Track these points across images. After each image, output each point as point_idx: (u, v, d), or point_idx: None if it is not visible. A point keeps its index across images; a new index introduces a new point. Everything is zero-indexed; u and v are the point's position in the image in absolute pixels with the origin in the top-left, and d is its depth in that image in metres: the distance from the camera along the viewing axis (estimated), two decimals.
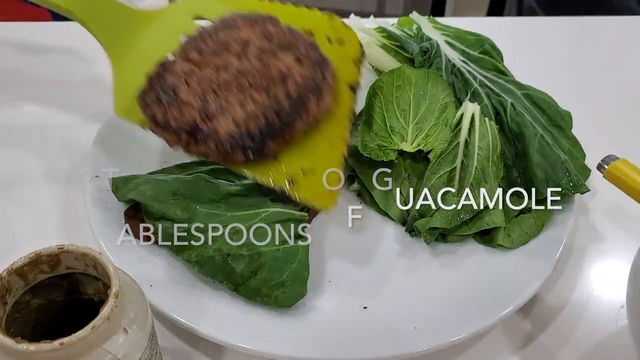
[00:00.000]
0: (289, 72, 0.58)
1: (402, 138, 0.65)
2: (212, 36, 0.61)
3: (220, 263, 0.54)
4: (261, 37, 0.61)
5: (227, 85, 0.58)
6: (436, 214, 0.60)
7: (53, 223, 0.65)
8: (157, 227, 0.56)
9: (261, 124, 0.55)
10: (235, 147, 0.55)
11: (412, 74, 0.69)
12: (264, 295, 0.53)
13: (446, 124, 0.66)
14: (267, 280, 0.54)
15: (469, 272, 0.59)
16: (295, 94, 0.57)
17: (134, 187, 0.59)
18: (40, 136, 0.76)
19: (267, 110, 0.56)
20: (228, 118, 0.56)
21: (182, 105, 0.57)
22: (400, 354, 0.50)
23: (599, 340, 0.56)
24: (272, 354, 0.50)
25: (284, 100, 0.56)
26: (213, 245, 0.55)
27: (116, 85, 0.65)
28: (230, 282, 0.54)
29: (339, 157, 0.59)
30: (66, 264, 0.41)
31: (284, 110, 0.56)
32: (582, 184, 0.62)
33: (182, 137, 0.56)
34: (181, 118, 0.56)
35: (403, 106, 0.67)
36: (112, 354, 0.37)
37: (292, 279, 0.54)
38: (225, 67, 0.59)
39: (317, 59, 0.60)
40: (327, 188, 0.57)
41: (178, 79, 0.58)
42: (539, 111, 0.70)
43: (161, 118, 0.57)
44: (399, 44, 0.76)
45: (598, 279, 0.62)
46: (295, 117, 0.56)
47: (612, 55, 0.98)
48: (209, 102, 0.57)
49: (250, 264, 0.54)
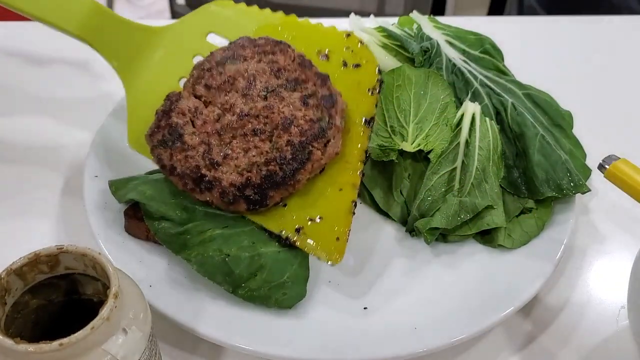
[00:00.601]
0: (294, 117, 0.56)
1: (402, 138, 0.65)
2: (219, 68, 0.60)
3: (219, 263, 0.54)
4: (269, 72, 0.59)
5: (232, 130, 0.57)
6: (437, 214, 0.60)
7: (52, 223, 0.65)
8: (156, 227, 0.56)
9: (263, 175, 0.55)
10: (238, 197, 0.55)
11: (413, 73, 0.68)
12: (263, 297, 0.53)
13: (447, 123, 0.66)
14: (268, 282, 0.53)
15: (469, 272, 0.59)
16: (298, 142, 0.55)
17: (133, 187, 0.58)
18: (40, 136, 0.76)
19: (270, 160, 0.55)
20: (231, 167, 0.56)
21: (187, 150, 0.57)
22: (400, 354, 0.50)
23: (599, 340, 0.56)
24: (272, 354, 0.50)
25: (287, 150, 0.55)
26: (213, 245, 0.55)
27: (130, 116, 0.64)
28: (229, 283, 0.53)
29: (348, 204, 0.57)
30: (65, 264, 0.41)
31: (287, 160, 0.55)
32: (583, 184, 0.62)
33: (187, 183, 0.56)
34: (186, 164, 0.56)
35: (403, 106, 0.67)
36: (112, 355, 0.37)
37: (293, 280, 0.54)
38: (231, 108, 0.58)
39: (326, 97, 0.58)
40: (334, 239, 0.56)
41: (184, 118, 0.58)
42: (540, 111, 0.70)
43: (167, 162, 0.57)
44: (399, 43, 0.76)
45: (599, 279, 0.62)
46: (298, 168, 0.55)
47: (613, 54, 0.98)
48: (213, 149, 0.56)
49: (250, 265, 0.54)
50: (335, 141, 0.57)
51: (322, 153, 0.56)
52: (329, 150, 0.56)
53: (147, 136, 0.59)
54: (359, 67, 0.62)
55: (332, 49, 0.63)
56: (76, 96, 0.83)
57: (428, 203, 0.61)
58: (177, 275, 0.56)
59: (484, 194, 0.61)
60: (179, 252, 0.55)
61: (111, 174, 0.64)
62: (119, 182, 0.60)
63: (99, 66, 0.86)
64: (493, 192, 0.61)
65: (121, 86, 0.64)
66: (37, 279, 0.41)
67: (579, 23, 1.06)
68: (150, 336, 0.41)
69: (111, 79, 0.66)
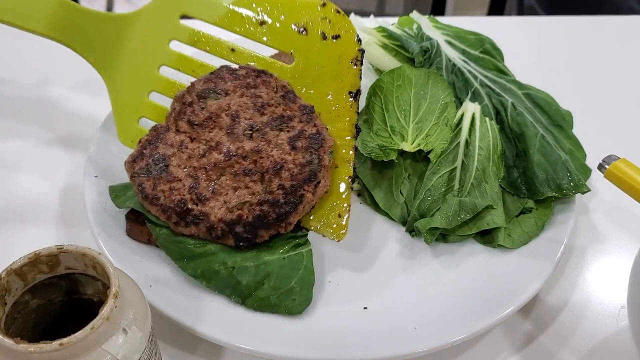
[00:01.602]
0: (284, 161, 0.56)
1: (402, 138, 0.65)
2: (201, 103, 0.59)
3: (226, 277, 0.54)
4: (252, 107, 0.59)
5: (219, 168, 0.56)
6: (436, 214, 0.60)
7: (52, 223, 0.65)
8: (157, 232, 0.56)
9: (256, 215, 0.55)
10: (227, 233, 0.54)
11: (412, 73, 0.68)
12: (273, 305, 0.53)
13: (446, 123, 0.66)
14: (275, 289, 0.53)
15: (469, 272, 0.59)
16: (290, 186, 0.55)
17: (133, 195, 0.58)
18: (39, 136, 0.76)
19: (262, 201, 0.55)
20: (220, 202, 0.55)
21: (172, 181, 0.56)
22: (400, 354, 0.50)
23: (599, 340, 0.56)
24: (272, 354, 0.50)
25: (279, 194, 0.55)
26: (216, 259, 0.54)
27: (115, 112, 0.63)
28: (237, 295, 0.53)
29: (345, 181, 0.58)
30: (65, 264, 0.41)
31: (280, 204, 0.55)
32: (583, 184, 0.62)
33: (170, 216, 0.55)
34: (170, 196, 0.55)
35: (403, 106, 0.67)
36: (112, 355, 0.37)
37: (300, 285, 0.54)
38: (217, 146, 0.57)
39: (313, 136, 0.57)
40: (337, 216, 0.57)
41: (171, 150, 0.57)
42: (540, 111, 0.70)
43: (150, 191, 0.56)
44: (399, 43, 0.76)
45: (599, 279, 0.62)
46: (290, 211, 0.55)
47: (613, 54, 0.98)
48: (200, 183, 0.56)
49: (256, 274, 0.54)
50: (325, 181, 0.57)
51: (313, 194, 0.56)
52: (319, 191, 0.57)
53: (128, 163, 0.58)
54: (338, 39, 0.62)
55: (308, 20, 0.62)
56: (76, 96, 0.83)
57: (428, 203, 0.61)
58: (177, 276, 0.56)
59: (484, 194, 0.61)
60: (178, 261, 0.55)
61: (111, 175, 0.64)
62: (118, 188, 0.60)
63: None
64: (493, 192, 0.61)
65: None
66: (37, 278, 0.41)
67: (579, 23, 1.06)
68: (150, 336, 0.41)
69: None
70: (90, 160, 0.65)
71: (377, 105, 0.67)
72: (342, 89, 0.61)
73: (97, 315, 0.36)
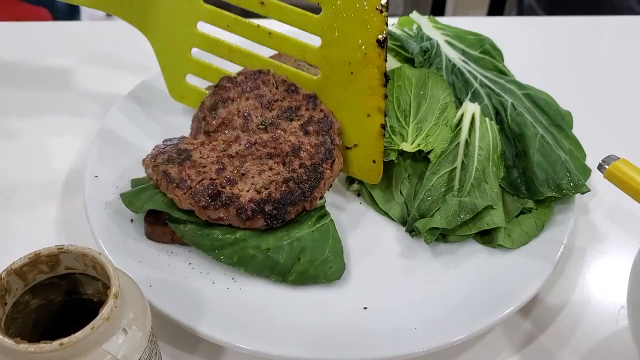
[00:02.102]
0: (301, 144, 0.60)
1: (402, 138, 0.65)
2: (212, 114, 0.63)
3: (263, 259, 0.55)
4: (260, 106, 0.62)
5: (242, 156, 0.59)
6: (436, 214, 0.60)
7: (52, 223, 0.65)
8: (182, 230, 0.56)
9: (283, 191, 0.57)
10: (257, 213, 0.56)
11: (413, 74, 0.69)
12: (312, 277, 0.56)
13: (446, 124, 0.66)
14: (312, 261, 0.56)
15: (469, 272, 0.59)
16: (310, 164, 0.58)
17: (149, 197, 0.58)
18: (40, 136, 0.76)
19: (287, 179, 0.57)
20: (248, 184, 0.57)
21: (198, 167, 0.58)
22: (400, 354, 0.50)
23: (599, 340, 0.56)
24: (272, 353, 0.50)
25: (302, 173, 0.58)
26: (249, 244, 0.56)
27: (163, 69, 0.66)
28: (277, 274, 0.56)
29: (377, 128, 0.61)
30: (65, 264, 0.41)
31: (303, 180, 0.57)
32: (583, 184, 0.62)
33: (199, 199, 0.55)
34: (198, 178, 0.57)
35: (403, 106, 0.67)
36: (112, 355, 0.37)
37: (333, 253, 0.57)
38: (236, 140, 0.61)
39: (322, 120, 0.61)
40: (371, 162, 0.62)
41: (191, 145, 0.60)
42: (540, 111, 0.70)
43: (176, 175, 0.57)
44: (399, 43, 0.76)
45: (598, 279, 0.62)
46: (314, 186, 0.57)
47: (613, 55, 0.98)
48: (226, 168, 0.58)
49: (291, 251, 0.56)
50: (339, 159, 0.61)
51: (331, 172, 0.59)
52: (335, 168, 0.60)
53: (149, 158, 0.59)
54: None
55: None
56: (76, 96, 0.83)
57: (428, 203, 0.61)
58: (177, 275, 0.56)
59: (484, 194, 0.61)
60: (210, 252, 0.56)
61: (111, 174, 0.65)
62: (131, 195, 0.60)
63: (99, 65, 0.86)
64: (493, 192, 0.61)
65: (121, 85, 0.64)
66: (37, 278, 0.41)
67: (579, 23, 1.06)
68: (150, 336, 0.41)
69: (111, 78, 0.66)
70: (90, 160, 0.65)
71: None
72: (370, 36, 0.60)
73: (97, 315, 0.36)
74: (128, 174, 0.65)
